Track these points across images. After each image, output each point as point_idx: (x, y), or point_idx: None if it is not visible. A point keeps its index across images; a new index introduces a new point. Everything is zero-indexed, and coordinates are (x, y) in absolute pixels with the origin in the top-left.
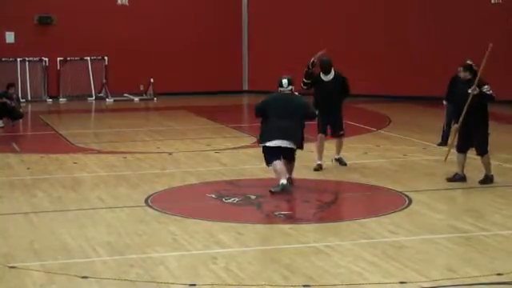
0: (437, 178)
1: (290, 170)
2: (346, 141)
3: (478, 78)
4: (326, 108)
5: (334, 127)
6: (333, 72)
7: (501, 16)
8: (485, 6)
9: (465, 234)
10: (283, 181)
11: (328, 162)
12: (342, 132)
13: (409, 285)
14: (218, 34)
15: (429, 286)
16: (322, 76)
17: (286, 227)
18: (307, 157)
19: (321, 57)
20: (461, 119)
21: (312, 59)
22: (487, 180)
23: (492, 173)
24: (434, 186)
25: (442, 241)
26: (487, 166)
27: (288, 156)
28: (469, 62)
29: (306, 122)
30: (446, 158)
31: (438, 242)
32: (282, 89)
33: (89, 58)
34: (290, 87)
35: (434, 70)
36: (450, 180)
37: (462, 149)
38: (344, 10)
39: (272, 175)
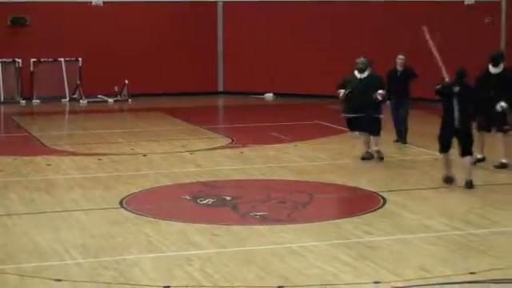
0: (411, 178)
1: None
2: (320, 141)
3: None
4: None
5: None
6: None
7: (474, 17)
8: (459, 8)
9: (438, 234)
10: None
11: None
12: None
13: (383, 284)
14: (193, 35)
15: (402, 285)
16: (357, 74)
17: (262, 228)
18: (281, 157)
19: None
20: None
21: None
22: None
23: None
24: (408, 186)
25: (416, 240)
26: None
27: None
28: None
29: None
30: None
31: (412, 242)
32: None
33: (63, 60)
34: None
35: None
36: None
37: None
38: (319, 11)
39: (246, 176)
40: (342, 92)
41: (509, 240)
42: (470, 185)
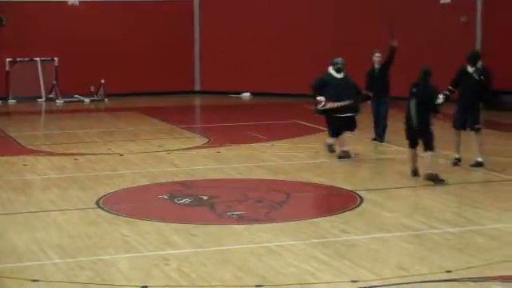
0: (388, 176)
1: None
2: (297, 141)
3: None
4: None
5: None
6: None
7: (449, 16)
8: (434, 7)
9: (415, 232)
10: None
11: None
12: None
13: (360, 283)
14: (170, 35)
15: (380, 284)
16: (335, 74)
17: (239, 227)
18: (258, 156)
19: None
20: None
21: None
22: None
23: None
24: (385, 184)
25: (393, 239)
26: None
27: None
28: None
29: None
30: None
31: (389, 241)
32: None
33: (38, 59)
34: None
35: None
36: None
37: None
38: (296, 9)
39: (223, 176)
40: (323, 101)
41: (485, 238)
42: (430, 177)
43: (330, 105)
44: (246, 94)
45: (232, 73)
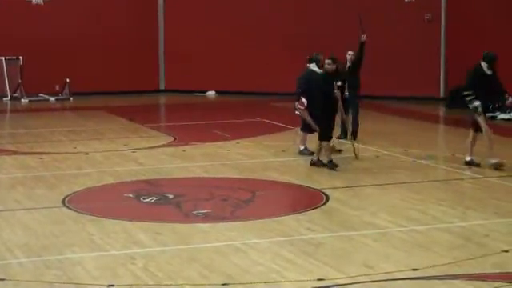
0: (354, 175)
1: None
2: (262, 139)
3: None
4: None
5: None
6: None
7: (414, 14)
8: (399, 4)
9: (381, 230)
10: None
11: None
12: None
13: (326, 281)
14: (135, 33)
15: (346, 282)
16: (317, 69)
17: (205, 226)
18: (223, 155)
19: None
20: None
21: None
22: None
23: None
24: (351, 182)
25: (359, 237)
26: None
27: None
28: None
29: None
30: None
31: (355, 239)
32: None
33: (3, 58)
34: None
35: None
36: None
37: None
38: (257, 10)
39: (189, 174)
40: (305, 105)
41: (450, 236)
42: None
43: (309, 120)
44: (211, 93)
45: (197, 71)
